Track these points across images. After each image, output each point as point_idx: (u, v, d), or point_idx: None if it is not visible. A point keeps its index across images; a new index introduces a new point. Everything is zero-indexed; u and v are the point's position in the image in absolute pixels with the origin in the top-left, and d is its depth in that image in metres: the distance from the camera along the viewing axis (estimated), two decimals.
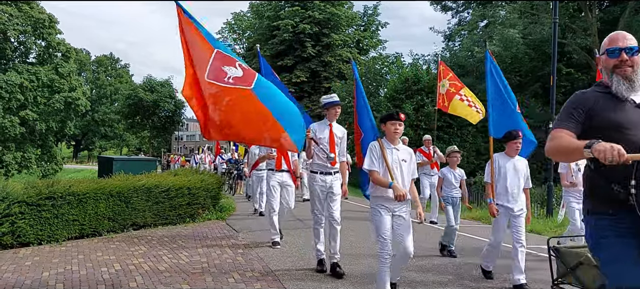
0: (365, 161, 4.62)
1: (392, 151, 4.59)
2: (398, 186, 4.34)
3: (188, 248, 6.91)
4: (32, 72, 37.35)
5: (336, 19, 36.31)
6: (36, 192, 7.01)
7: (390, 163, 4.49)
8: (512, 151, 5.51)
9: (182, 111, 64.20)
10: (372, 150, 4.59)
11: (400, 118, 4.60)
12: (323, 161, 5.69)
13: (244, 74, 4.74)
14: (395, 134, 4.59)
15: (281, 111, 4.76)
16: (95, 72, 77.16)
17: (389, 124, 4.60)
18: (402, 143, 4.77)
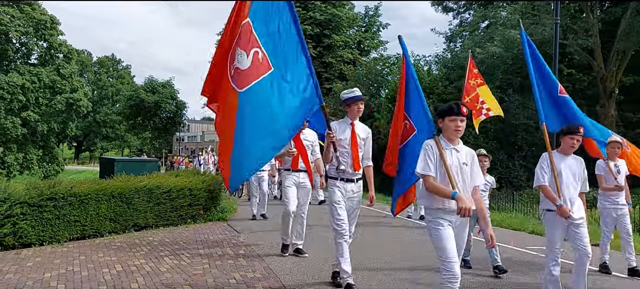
0: (418, 164, 3.78)
1: (452, 152, 3.79)
2: (463, 198, 3.51)
3: (189, 249, 6.91)
4: (34, 73, 37.41)
5: (337, 20, 36.30)
6: (38, 193, 7.03)
7: (450, 167, 3.71)
8: (568, 147, 4.77)
9: (184, 112, 64.23)
10: (428, 150, 3.77)
11: (462, 112, 3.76)
12: (345, 166, 4.88)
13: (250, 68, 4.44)
14: (456, 133, 3.78)
15: (252, 129, 4.34)
16: (96, 74, 77.27)
17: (448, 121, 3.78)
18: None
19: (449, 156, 3.75)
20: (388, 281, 5.46)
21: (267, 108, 4.44)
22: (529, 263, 6.61)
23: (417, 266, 6.25)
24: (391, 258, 6.78)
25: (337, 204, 4.93)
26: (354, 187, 4.99)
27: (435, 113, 4.07)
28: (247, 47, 4.49)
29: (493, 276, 5.76)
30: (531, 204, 14.26)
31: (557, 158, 4.77)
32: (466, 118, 3.81)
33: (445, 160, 3.70)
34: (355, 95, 5.02)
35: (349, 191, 4.96)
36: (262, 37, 4.56)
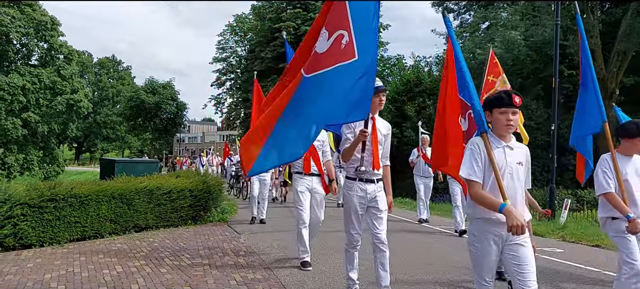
0: (462, 166, 3.18)
1: (504, 151, 3.14)
2: (514, 213, 2.85)
3: (190, 250, 6.91)
4: (34, 74, 37.44)
5: None
6: (38, 194, 7.03)
7: (501, 170, 3.08)
8: (632, 147, 4.14)
9: (184, 113, 64.33)
10: (474, 150, 3.15)
11: (514, 103, 3.11)
12: (365, 165, 4.34)
13: (325, 53, 3.97)
14: (508, 128, 3.13)
15: (302, 118, 3.99)
16: (97, 75, 77.38)
17: (498, 113, 3.14)
18: (513, 139, 3.28)
19: (500, 156, 3.12)
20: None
21: (328, 98, 4.01)
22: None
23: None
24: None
25: (353, 212, 4.43)
26: (375, 187, 4.45)
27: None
28: (333, 27, 3.99)
29: None
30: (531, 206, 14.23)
31: (621, 161, 4.14)
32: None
33: (494, 162, 3.06)
34: (376, 85, 4.29)
35: (370, 192, 4.41)
36: (355, 21, 3.99)
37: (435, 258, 6.84)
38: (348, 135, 4.46)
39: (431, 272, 5.93)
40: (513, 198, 3.04)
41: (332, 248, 7.19)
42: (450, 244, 7.96)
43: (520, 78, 20.73)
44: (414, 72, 22.45)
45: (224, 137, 73.41)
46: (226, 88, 48.08)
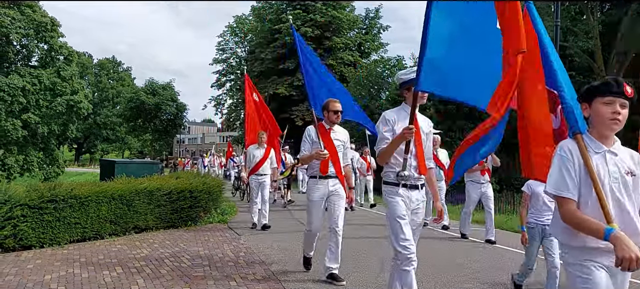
0: (549, 178, 2.45)
1: (606, 157, 2.41)
2: (625, 241, 2.13)
3: (190, 251, 6.91)
4: (35, 75, 37.41)
5: (338, 22, 36.35)
6: (38, 195, 7.03)
7: (605, 184, 2.36)
8: None
9: (184, 114, 64.30)
10: (564, 158, 2.42)
11: (625, 92, 2.36)
12: (409, 169, 3.80)
13: None
14: (613, 124, 2.37)
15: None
16: (97, 76, 77.35)
17: (600, 104, 2.39)
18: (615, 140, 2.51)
19: (601, 164, 2.39)
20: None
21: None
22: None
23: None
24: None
25: (401, 219, 3.79)
26: (419, 195, 3.91)
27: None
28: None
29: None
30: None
31: None
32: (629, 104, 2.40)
33: (593, 172, 2.33)
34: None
35: (414, 200, 3.88)
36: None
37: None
38: (385, 133, 3.87)
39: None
40: (622, 220, 2.31)
41: None
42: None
43: None
44: None
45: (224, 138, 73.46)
46: (226, 89, 48.12)
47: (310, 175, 5.52)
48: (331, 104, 5.43)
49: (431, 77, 3.51)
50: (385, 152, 3.84)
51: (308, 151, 5.42)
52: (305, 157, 5.45)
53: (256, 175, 9.31)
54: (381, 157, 3.90)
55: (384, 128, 3.91)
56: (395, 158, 3.85)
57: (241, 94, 44.11)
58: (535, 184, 4.66)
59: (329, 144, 5.36)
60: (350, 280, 5.42)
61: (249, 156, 9.50)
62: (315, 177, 5.42)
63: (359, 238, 8.48)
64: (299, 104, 34.95)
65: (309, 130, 5.51)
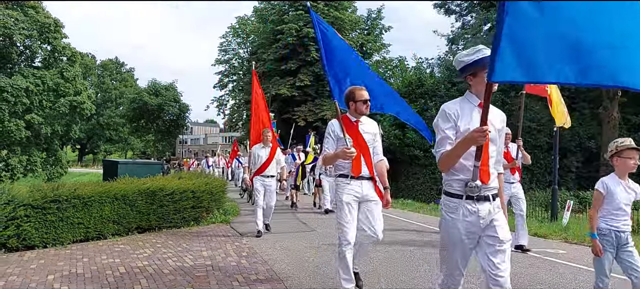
0: None
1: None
2: None
3: (192, 251, 6.93)
4: (38, 76, 37.53)
5: (340, 23, 36.36)
6: (41, 195, 7.06)
7: None
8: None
9: (187, 115, 64.49)
10: None
11: None
12: (475, 177, 2.93)
13: None
14: None
15: None
16: (100, 76, 77.61)
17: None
18: None
19: None
20: None
21: None
22: (531, 265, 6.60)
23: None
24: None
25: (458, 243, 3.03)
26: (491, 207, 3.01)
27: None
28: None
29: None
30: (533, 207, 14.23)
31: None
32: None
33: None
34: (486, 56, 2.93)
35: (483, 215, 2.97)
36: None
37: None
38: (447, 131, 3.02)
39: None
40: None
41: (331, 248, 7.20)
42: None
43: None
44: (416, 74, 22.45)
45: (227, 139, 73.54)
46: (228, 90, 48.22)
47: (340, 174, 4.61)
48: (357, 93, 4.60)
49: (510, 61, 2.68)
50: (448, 156, 2.96)
51: (332, 149, 4.57)
52: (330, 156, 4.55)
53: (261, 177, 8.48)
54: (443, 163, 3.02)
55: (445, 125, 3.04)
56: (461, 164, 3.00)
57: (243, 95, 44.16)
58: (613, 183, 4.00)
59: (357, 139, 4.55)
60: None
61: (253, 156, 8.68)
62: (346, 176, 4.55)
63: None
64: (301, 105, 34.98)
65: (333, 124, 4.64)
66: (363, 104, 4.59)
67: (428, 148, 20.31)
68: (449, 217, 3.05)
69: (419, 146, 20.68)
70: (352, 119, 4.67)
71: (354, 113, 4.66)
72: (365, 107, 4.60)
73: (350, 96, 4.64)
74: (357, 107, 4.61)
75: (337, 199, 4.57)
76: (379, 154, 4.74)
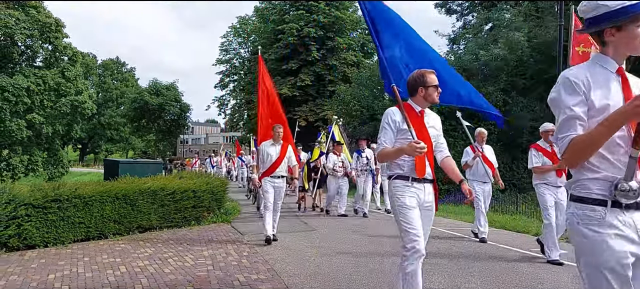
0: None
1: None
2: None
3: (193, 251, 6.93)
4: (39, 75, 37.57)
5: (341, 23, 36.40)
6: (42, 194, 7.06)
7: None
8: None
9: (188, 115, 64.49)
10: None
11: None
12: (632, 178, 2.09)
13: None
14: None
15: None
16: (101, 76, 77.64)
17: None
18: None
19: None
20: None
21: None
22: (533, 265, 6.59)
23: None
24: None
25: (610, 270, 2.07)
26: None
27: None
28: None
29: None
30: (535, 207, 14.20)
31: None
32: None
33: None
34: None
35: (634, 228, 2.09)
36: None
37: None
38: (575, 108, 2.15)
39: None
40: None
41: (332, 247, 7.20)
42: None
43: (524, 79, 20.69)
44: None
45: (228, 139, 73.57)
46: (229, 90, 48.25)
47: (398, 176, 3.79)
48: (428, 76, 3.80)
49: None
50: (584, 144, 2.09)
51: (390, 143, 3.74)
52: (390, 152, 3.70)
53: (271, 178, 7.65)
54: (575, 155, 2.14)
55: (572, 100, 2.16)
56: (604, 156, 2.13)
57: (245, 95, 44.19)
58: None
59: (422, 133, 3.77)
60: None
61: (262, 154, 7.80)
62: (405, 178, 3.76)
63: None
64: (302, 104, 34.99)
65: (392, 113, 3.83)
66: (435, 91, 3.80)
67: None
68: (592, 233, 2.13)
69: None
70: (416, 108, 3.87)
71: (421, 101, 3.85)
72: (436, 94, 3.82)
73: (418, 81, 3.81)
74: (428, 94, 3.79)
75: (397, 202, 3.73)
76: (445, 150, 4.03)
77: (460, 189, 3.86)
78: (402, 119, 3.75)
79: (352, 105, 25.68)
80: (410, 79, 3.88)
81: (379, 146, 3.81)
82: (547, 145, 6.56)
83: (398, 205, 3.72)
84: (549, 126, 6.66)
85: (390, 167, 3.89)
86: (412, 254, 3.57)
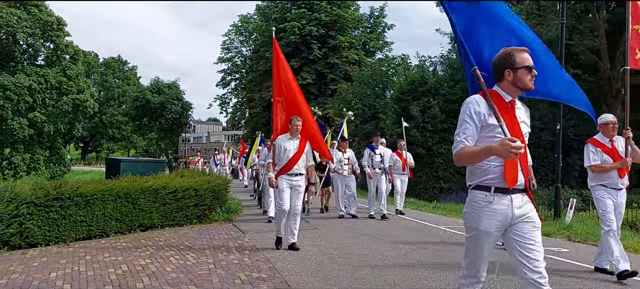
0: None
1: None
2: None
3: (195, 249, 6.93)
4: (41, 74, 37.63)
5: (342, 21, 36.37)
6: (44, 193, 7.07)
7: None
8: None
9: (189, 113, 64.59)
10: None
11: None
12: None
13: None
14: None
15: None
16: (103, 75, 77.70)
17: None
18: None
19: None
20: None
21: None
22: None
23: None
24: None
25: None
26: None
27: None
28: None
29: None
30: (538, 206, 14.21)
31: None
32: None
33: None
34: None
35: None
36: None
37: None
38: None
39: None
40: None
41: (334, 246, 7.20)
42: None
43: None
44: (419, 72, 22.41)
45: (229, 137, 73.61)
46: (231, 88, 48.30)
47: (477, 185, 2.94)
48: (517, 55, 2.93)
49: None
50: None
51: (473, 141, 2.90)
52: (473, 153, 2.85)
53: (288, 176, 6.94)
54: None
55: None
56: None
57: (246, 93, 44.20)
58: None
59: (514, 129, 2.89)
60: None
61: (278, 150, 7.03)
62: (487, 188, 2.89)
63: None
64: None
65: (474, 102, 2.93)
66: (527, 73, 2.91)
67: (430, 146, 20.28)
68: None
69: (421, 144, 20.66)
70: (505, 97, 2.98)
71: (510, 88, 2.97)
72: (529, 77, 2.92)
73: (505, 61, 2.96)
74: (518, 78, 2.92)
75: (469, 222, 2.97)
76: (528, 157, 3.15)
77: (461, 187, 3.61)
78: (489, 111, 2.89)
79: (354, 103, 25.69)
80: (495, 60, 3.04)
81: (457, 144, 2.92)
82: (606, 140, 5.72)
83: (469, 226, 2.98)
84: (609, 117, 5.81)
85: (471, 174, 3.00)
86: (470, 283, 3.07)
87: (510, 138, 2.65)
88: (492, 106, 2.87)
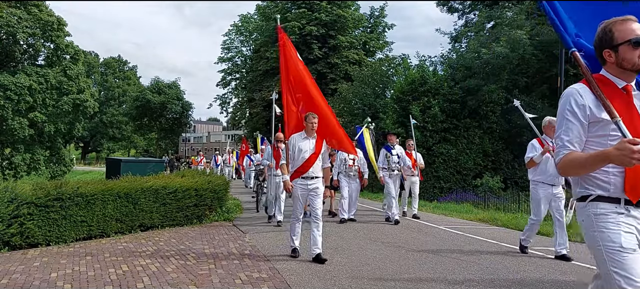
0: None
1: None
2: None
3: (195, 249, 6.93)
4: (41, 74, 37.60)
5: (343, 21, 36.36)
6: (44, 193, 7.08)
7: None
8: None
9: (190, 113, 64.57)
10: None
11: None
12: None
13: None
14: None
15: None
16: (103, 75, 77.71)
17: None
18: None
19: None
20: None
21: None
22: (533, 263, 6.58)
23: None
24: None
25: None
26: None
27: None
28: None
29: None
30: None
31: None
32: None
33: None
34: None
35: None
36: None
37: None
38: None
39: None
40: None
41: (334, 247, 7.21)
42: None
43: (526, 77, 20.66)
44: (419, 72, 22.40)
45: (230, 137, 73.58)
46: (231, 88, 48.33)
47: (595, 197, 2.39)
48: (619, 26, 2.37)
49: None
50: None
51: (579, 145, 2.40)
52: (581, 160, 2.34)
53: (303, 179, 6.36)
54: None
55: None
56: None
57: (246, 93, 44.18)
58: None
59: (633, 122, 2.31)
60: None
61: (291, 150, 6.43)
62: (612, 200, 2.34)
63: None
64: None
65: (577, 93, 2.43)
66: (633, 50, 2.32)
67: (431, 146, 20.28)
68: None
69: (422, 144, 20.66)
70: (617, 83, 2.42)
71: (617, 71, 2.41)
72: (639, 53, 2.32)
73: (604, 38, 2.41)
74: (622, 58, 2.35)
75: (604, 239, 2.32)
76: None
77: (461, 187, 3.50)
78: (597, 103, 2.34)
79: (354, 103, 25.67)
80: (596, 39, 2.48)
81: (560, 150, 2.41)
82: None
83: (607, 243, 2.30)
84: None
85: (582, 184, 2.44)
86: None
87: (630, 139, 2.08)
88: (600, 96, 2.30)
